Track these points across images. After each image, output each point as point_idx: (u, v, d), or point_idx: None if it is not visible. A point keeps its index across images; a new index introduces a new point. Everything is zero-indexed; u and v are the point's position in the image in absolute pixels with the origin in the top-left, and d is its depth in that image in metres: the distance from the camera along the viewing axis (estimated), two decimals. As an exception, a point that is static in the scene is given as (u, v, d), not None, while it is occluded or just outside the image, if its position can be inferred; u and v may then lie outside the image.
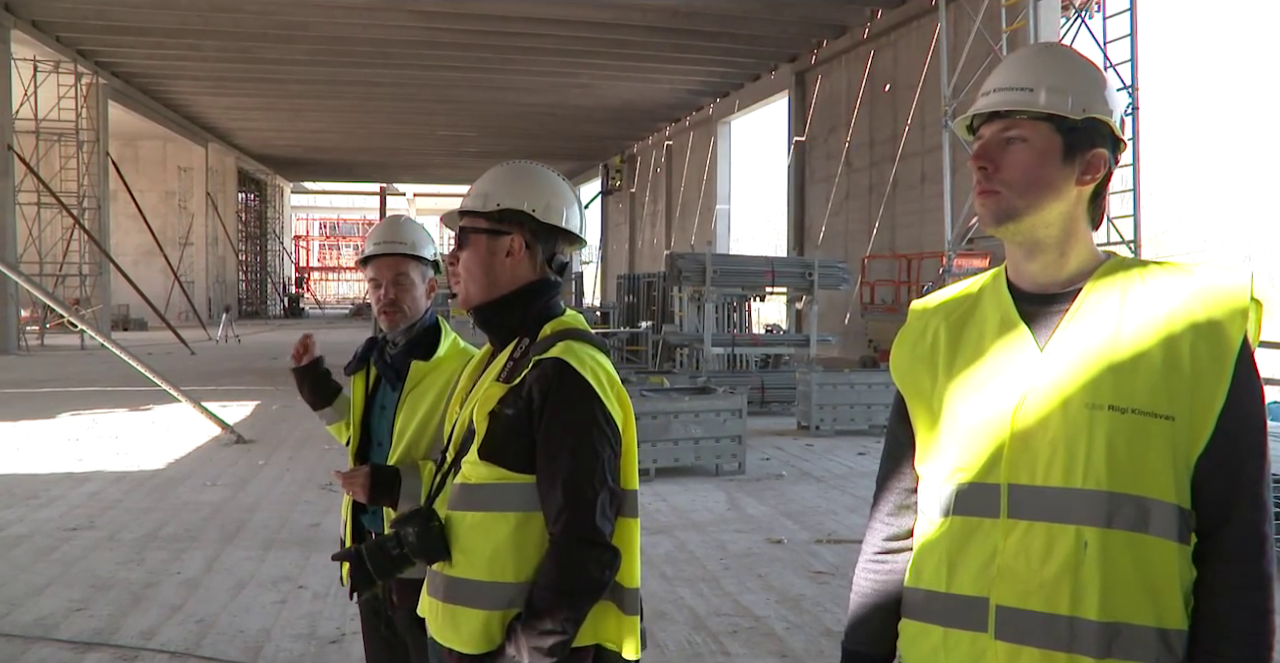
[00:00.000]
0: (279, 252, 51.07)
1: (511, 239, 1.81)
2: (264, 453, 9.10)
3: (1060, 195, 1.37)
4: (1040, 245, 1.38)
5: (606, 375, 1.71)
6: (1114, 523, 1.27)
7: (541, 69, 24.79)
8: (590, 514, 1.62)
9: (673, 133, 34.36)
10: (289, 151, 40.64)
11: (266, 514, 6.68)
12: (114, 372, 16.08)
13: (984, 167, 1.39)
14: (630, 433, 1.73)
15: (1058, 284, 1.38)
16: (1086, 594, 1.27)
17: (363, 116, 32.07)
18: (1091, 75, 1.41)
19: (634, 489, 1.73)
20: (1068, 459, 1.29)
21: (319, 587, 5.03)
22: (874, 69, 21.47)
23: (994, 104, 1.40)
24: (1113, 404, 1.28)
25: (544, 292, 1.83)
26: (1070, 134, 1.37)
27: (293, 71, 25.39)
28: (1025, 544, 1.30)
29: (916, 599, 1.42)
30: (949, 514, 1.38)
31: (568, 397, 1.66)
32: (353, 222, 70.31)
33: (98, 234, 24.84)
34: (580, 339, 1.75)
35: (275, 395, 13.48)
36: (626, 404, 1.73)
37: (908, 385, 1.50)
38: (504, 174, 1.88)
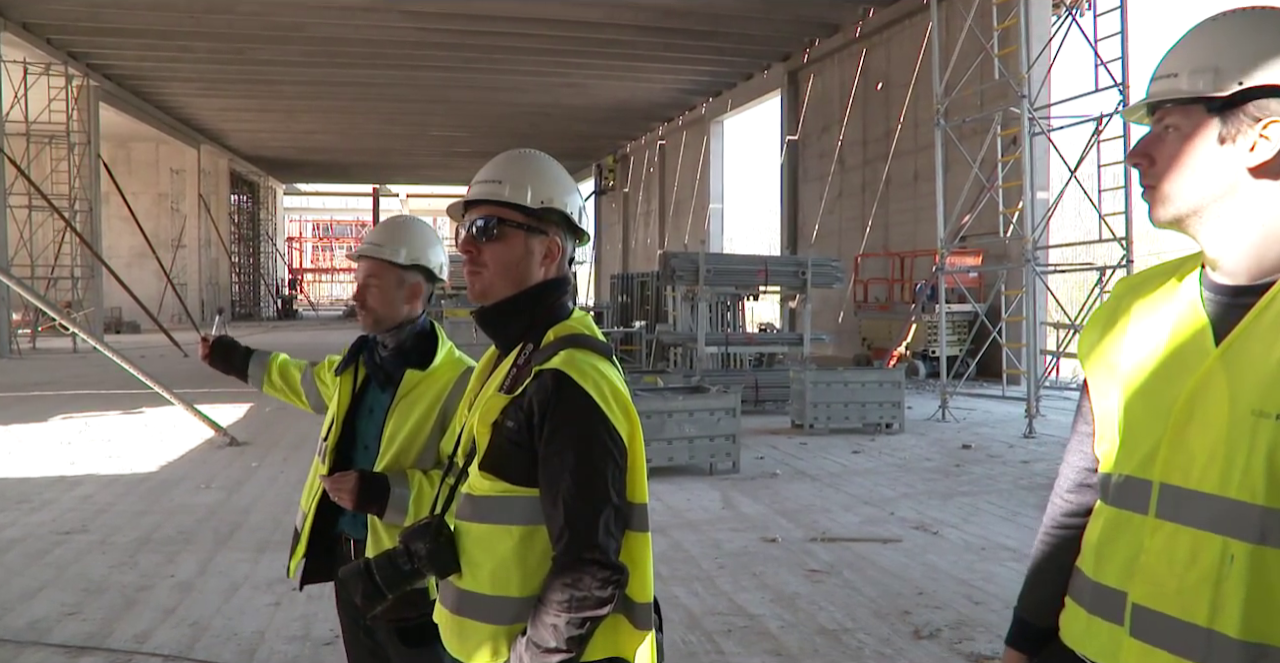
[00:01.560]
0: (272, 253, 50.95)
1: (551, 240, 1.74)
2: (258, 455, 9.08)
3: (1224, 181, 1.25)
4: (1219, 236, 1.28)
5: (610, 387, 1.61)
6: (1270, 541, 1.17)
7: (534, 69, 24.78)
8: (592, 533, 1.56)
9: (666, 132, 34.36)
10: (282, 153, 40.57)
11: (260, 516, 6.66)
12: (107, 374, 16.03)
13: (1138, 163, 1.32)
14: (637, 445, 1.64)
15: (1247, 276, 1.27)
16: (1226, 609, 1.19)
17: (355, 118, 32.02)
18: (1259, 39, 1.24)
19: (643, 503, 1.65)
20: (1225, 466, 1.20)
21: (313, 589, 4.98)
22: (866, 67, 21.51)
23: (1150, 96, 1.32)
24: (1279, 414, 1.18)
25: (556, 290, 1.75)
26: (1225, 110, 1.24)
27: (285, 73, 25.35)
28: (1170, 547, 1.24)
29: (1076, 579, 1.41)
30: (1106, 502, 1.36)
31: (567, 411, 1.58)
32: (346, 223, 70.16)
33: (89, 237, 24.75)
34: (584, 346, 1.65)
35: (268, 398, 13.35)
36: (633, 414, 1.64)
37: (1090, 363, 1.43)
38: (535, 167, 1.76)
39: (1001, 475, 8.44)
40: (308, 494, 2.52)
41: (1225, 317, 1.26)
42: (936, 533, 6.42)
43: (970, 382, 15.20)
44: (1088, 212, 13.37)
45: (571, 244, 1.78)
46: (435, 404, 2.37)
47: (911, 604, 4.93)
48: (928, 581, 5.34)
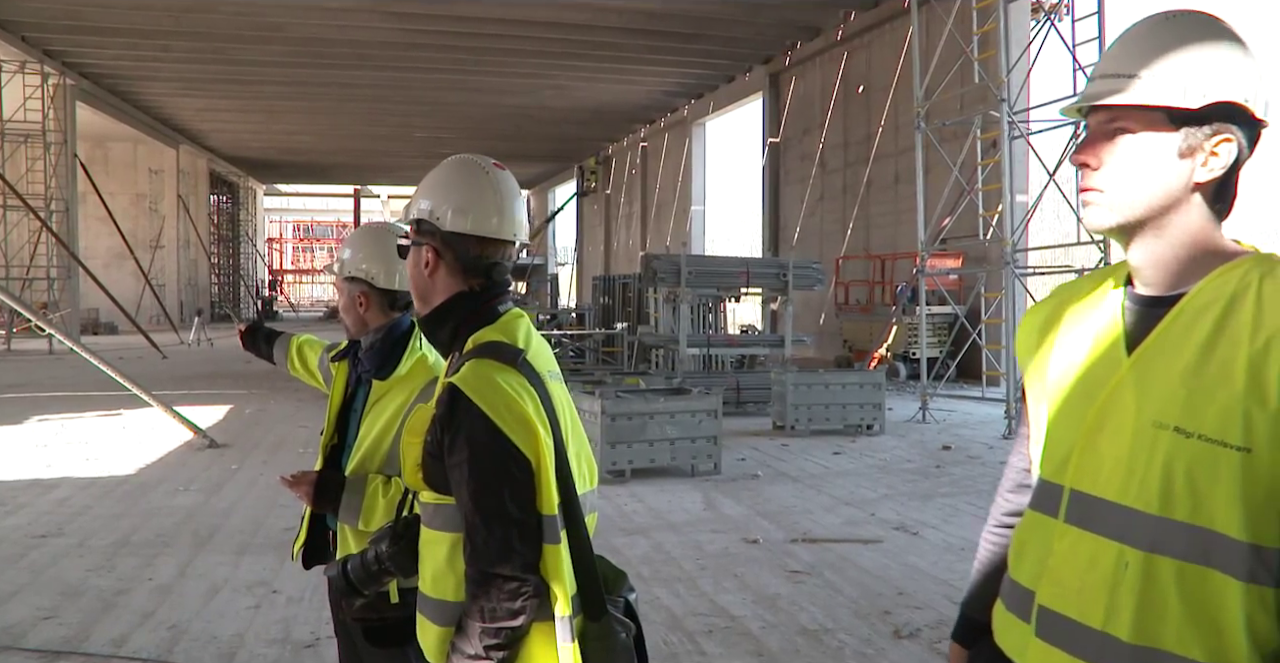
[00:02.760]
0: (252, 254, 50.63)
1: (425, 250, 1.75)
2: (237, 457, 9.02)
3: (1172, 192, 1.24)
4: (1148, 246, 1.28)
5: (505, 399, 1.58)
6: (1160, 549, 1.19)
7: (517, 70, 24.75)
8: (490, 548, 1.56)
9: (648, 134, 34.40)
10: (262, 153, 40.32)
11: (240, 519, 6.62)
12: (83, 376, 15.87)
13: (1085, 164, 1.29)
14: (543, 456, 1.59)
15: (1165, 286, 1.27)
16: (1120, 613, 1.21)
17: (337, 118, 31.86)
18: (1218, 52, 1.23)
19: (552, 515, 1.60)
20: (1125, 475, 1.22)
21: (293, 592, 4.99)
22: (847, 71, 21.60)
23: (1095, 95, 1.27)
24: (1179, 426, 1.18)
25: (465, 303, 1.74)
26: (1188, 123, 1.23)
27: (267, 73, 25.19)
28: (1074, 551, 1.27)
29: (1005, 577, 1.43)
30: (1030, 504, 1.38)
31: (459, 426, 1.58)
32: (327, 224, 69.83)
33: (66, 237, 24.52)
34: (491, 355, 1.64)
35: (249, 399, 13.37)
36: (532, 425, 1.59)
37: (1024, 367, 1.45)
38: (427, 178, 1.82)
39: (981, 477, 8.50)
40: None
41: (1141, 327, 1.27)
42: (917, 534, 6.45)
43: (950, 383, 15.30)
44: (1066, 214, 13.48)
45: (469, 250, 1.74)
46: (399, 411, 2.38)
47: (892, 604, 4.96)
48: (908, 581, 5.37)
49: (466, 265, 1.75)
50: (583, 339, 18.26)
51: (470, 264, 1.75)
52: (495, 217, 1.76)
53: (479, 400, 1.56)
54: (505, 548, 1.56)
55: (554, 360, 1.81)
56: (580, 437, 1.78)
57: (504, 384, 1.59)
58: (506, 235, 1.77)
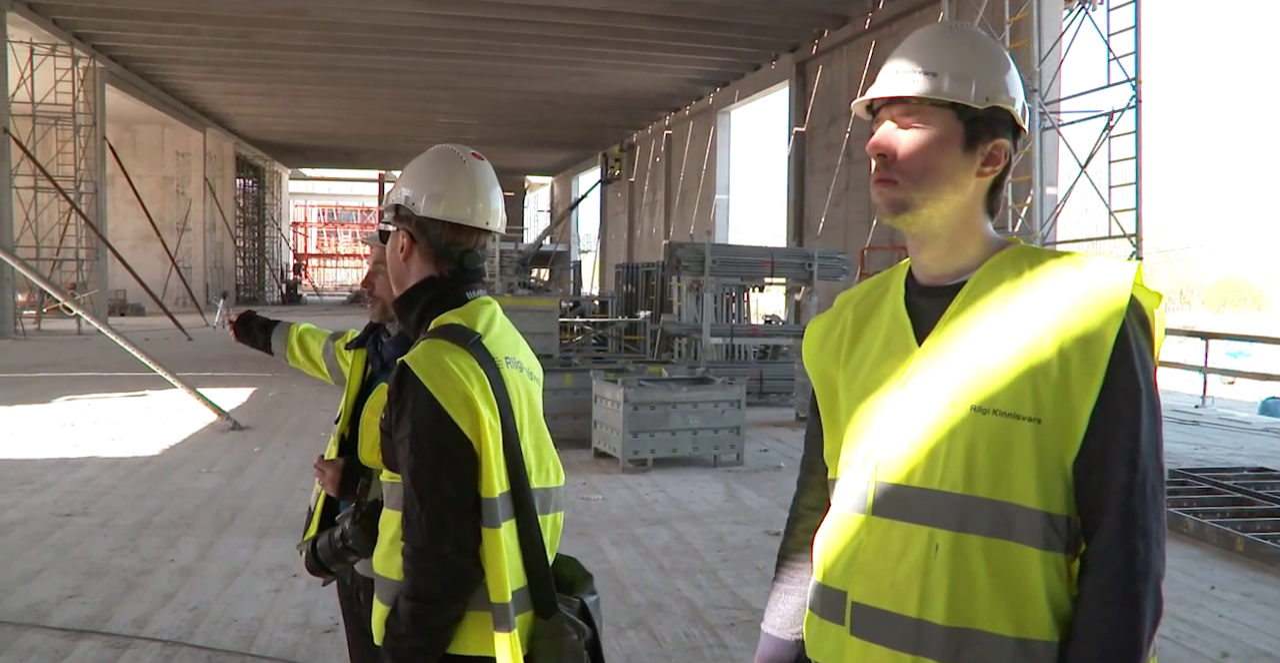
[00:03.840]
0: (276, 238, 50.92)
1: (401, 235, 1.80)
2: (259, 440, 9.05)
3: (958, 186, 1.33)
4: (934, 237, 1.35)
5: (447, 377, 1.60)
6: (968, 527, 1.24)
7: (542, 57, 24.66)
8: (423, 529, 1.58)
9: (672, 122, 34.24)
10: (287, 137, 40.48)
11: (262, 501, 6.64)
12: (110, 357, 16.02)
13: (883, 154, 1.35)
14: (485, 437, 1.60)
15: (947, 276, 1.35)
16: (934, 598, 1.24)
17: (361, 103, 31.90)
18: (996, 61, 1.36)
19: (492, 497, 1.61)
20: (928, 460, 1.27)
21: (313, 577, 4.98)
22: (875, 59, 21.36)
23: (895, 88, 1.35)
24: (975, 405, 1.24)
25: (430, 288, 1.78)
26: (973, 124, 1.32)
27: (291, 57, 25.24)
28: (884, 543, 1.29)
29: (811, 586, 1.43)
30: (833, 506, 1.39)
31: (404, 403, 1.61)
32: (351, 208, 70.11)
33: (95, 219, 24.73)
34: (445, 336, 1.67)
35: (271, 382, 13.43)
36: (475, 405, 1.60)
37: (815, 375, 1.49)
38: (408, 166, 1.86)
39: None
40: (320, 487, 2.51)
41: (927, 316, 1.34)
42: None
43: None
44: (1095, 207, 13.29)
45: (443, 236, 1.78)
46: None
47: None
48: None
49: (439, 251, 1.79)
50: (605, 327, 18.21)
51: (442, 250, 1.79)
52: (469, 205, 1.79)
53: (424, 378, 1.60)
54: (438, 527, 1.57)
55: (519, 349, 1.83)
56: (539, 430, 1.78)
57: (451, 364, 1.62)
58: (479, 223, 1.81)
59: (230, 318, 3.04)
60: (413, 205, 1.78)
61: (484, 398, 1.62)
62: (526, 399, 1.75)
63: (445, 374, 1.60)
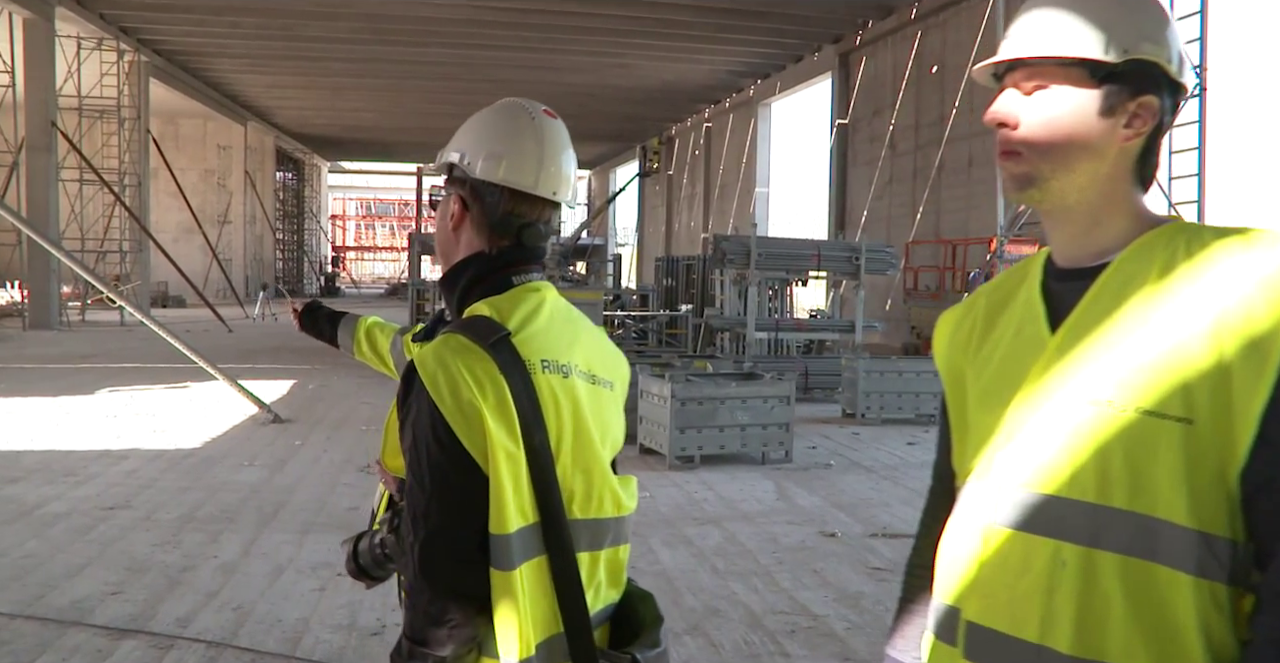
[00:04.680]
0: (315, 231, 51.31)
1: (452, 200, 1.53)
2: (301, 433, 8.98)
3: (1095, 154, 1.16)
4: (1069, 213, 1.20)
5: (452, 382, 1.31)
6: (1101, 543, 1.07)
7: (584, 49, 24.51)
8: (413, 562, 1.33)
9: (712, 115, 33.96)
10: (327, 131, 40.71)
11: (304, 496, 6.53)
12: (152, 348, 16.09)
13: (1003, 123, 1.19)
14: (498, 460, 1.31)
15: (1087, 257, 1.18)
16: (1059, 622, 1.08)
17: (401, 96, 31.97)
18: (1136, 6, 1.18)
19: (504, 535, 1.31)
20: (1055, 463, 1.11)
21: (359, 574, 4.86)
22: (921, 50, 20.95)
23: (1014, 49, 1.19)
24: (1112, 400, 1.08)
25: (472, 266, 1.49)
26: (1110, 81, 1.15)
27: (333, 50, 25.28)
28: (1002, 556, 1.14)
29: (931, 604, 1.28)
30: (953, 515, 1.25)
31: (409, 409, 1.37)
32: (389, 202, 70.54)
33: (138, 211, 24.97)
34: (464, 332, 1.38)
35: (312, 374, 13.40)
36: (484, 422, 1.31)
37: (945, 373, 1.34)
38: (466, 121, 1.58)
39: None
40: None
41: (1064, 303, 1.19)
42: (1003, 532, 6.14)
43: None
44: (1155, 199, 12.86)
45: (499, 204, 1.48)
46: None
47: (983, 608, 4.68)
48: (998, 583, 5.08)
49: (494, 222, 1.49)
50: (646, 321, 18.03)
51: (498, 221, 1.49)
52: (535, 170, 1.50)
53: (428, 383, 1.33)
54: (425, 561, 1.32)
55: (573, 349, 1.49)
56: (589, 450, 1.45)
57: (460, 368, 1.33)
58: (544, 192, 1.51)
59: (294, 307, 2.82)
60: (467, 165, 1.50)
61: (498, 412, 1.32)
62: (571, 412, 1.43)
63: (452, 381, 1.32)
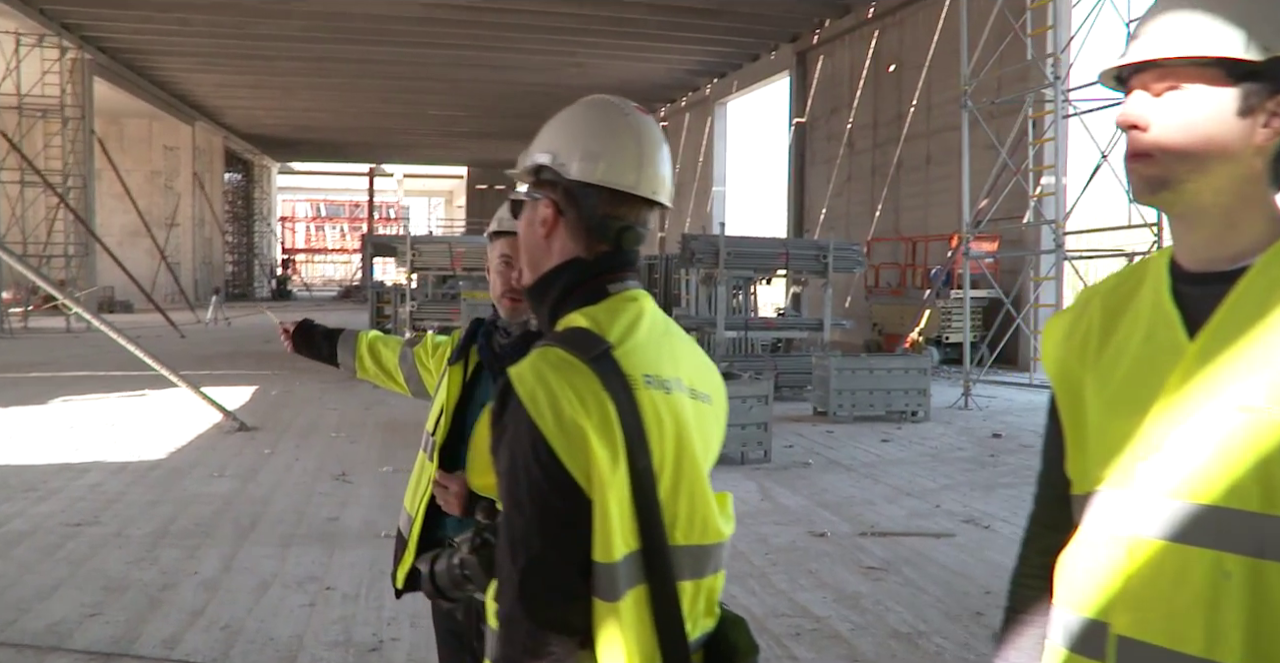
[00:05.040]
0: (266, 233, 50.39)
1: (544, 204, 1.42)
2: (269, 441, 8.75)
3: (1231, 156, 1.12)
4: (1203, 215, 1.16)
5: (555, 402, 1.23)
6: (1268, 553, 1.04)
7: (539, 48, 24.35)
8: (511, 592, 1.24)
9: (668, 114, 33.96)
10: (277, 131, 40.01)
11: (281, 507, 6.35)
12: (104, 355, 15.67)
13: (1134, 126, 1.15)
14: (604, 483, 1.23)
15: (1224, 261, 1.15)
16: (1228, 636, 1.04)
17: (354, 95, 31.50)
18: (1276, 2, 1.13)
19: (610, 563, 1.24)
20: (1212, 473, 1.08)
21: (348, 587, 4.72)
22: (878, 49, 21.13)
23: (1143, 50, 1.15)
24: (1268, 406, 1.06)
25: (568, 272, 1.40)
26: (1248, 79, 1.11)
27: (284, 48, 24.83)
28: (1155, 568, 1.10)
29: (1054, 616, 1.24)
30: (1085, 524, 1.20)
31: (505, 428, 1.28)
32: (340, 203, 69.57)
33: (83, 214, 24.28)
34: (564, 345, 1.29)
35: (273, 380, 13.12)
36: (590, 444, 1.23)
37: (1057, 377, 1.29)
38: (551, 121, 1.49)
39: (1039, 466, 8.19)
40: (412, 495, 2.24)
41: (1199, 308, 1.15)
42: (988, 527, 6.16)
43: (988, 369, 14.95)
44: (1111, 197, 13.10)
45: (597, 207, 1.39)
46: None
47: (982, 605, 4.68)
48: (992, 579, 5.08)
49: (592, 226, 1.40)
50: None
51: (596, 224, 1.40)
52: (634, 169, 1.41)
53: (527, 400, 1.24)
54: (525, 593, 1.24)
55: (677, 363, 1.40)
56: (694, 472, 1.36)
57: (561, 384, 1.25)
58: (645, 193, 1.42)
59: (285, 327, 2.67)
60: (561, 166, 1.40)
61: (602, 433, 1.24)
62: (674, 431, 1.33)
63: (552, 398, 1.24)
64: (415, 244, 14.94)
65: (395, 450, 8.36)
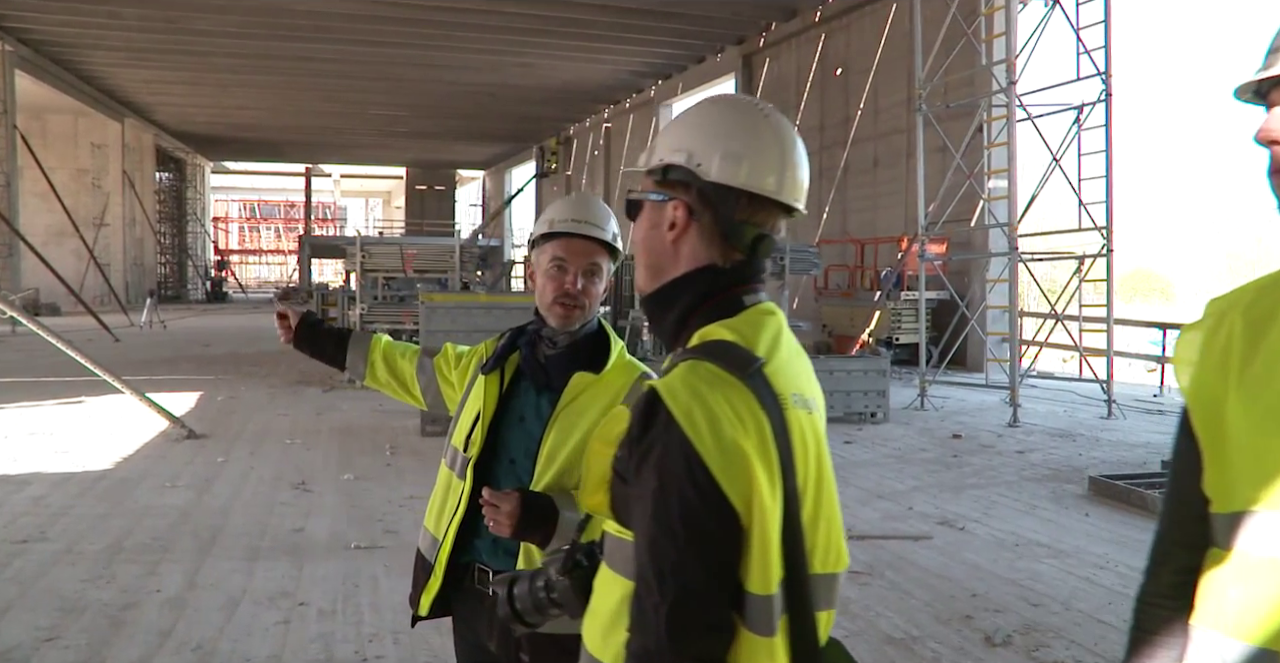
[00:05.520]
0: (199, 234, 49.03)
1: (674, 206, 1.32)
2: (220, 449, 8.42)
3: None
4: None
5: (710, 417, 1.15)
6: None
7: (484, 47, 24.04)
8: (658, 627, 1.15)
9: (612, 115, 33.85)
10: (211, 129, 38.93)
11: (241, 519, 6.08)
12: (34, 360, 15.04)
13: (1275, 142, 1.12)
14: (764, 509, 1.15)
15: None
16: None
17: (292, 93, 30.77)
18: None
19: (767, 596, 1.16)
20: None
21: (323, 603, 4.52)
22: (825, 53, 21.28)
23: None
24: None
25: (701, 282, 1.31)
26: None
27: (221, 44, 24.12)
28: None
29: (1200, 642, 1.17)
30: (1242, 549, 1.14)
31: (651, 446, 1.18)
32: (274, 203, 68.08)
33: (6, 213, 23.31)
34: (715, 358, 1.21)
35: (218, 385, 12.69)
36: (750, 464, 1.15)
37: (1193, 394, 1.23)
38: (680, 119, 1.39)
39: (1002, 466, 8.27)
40: (438, 516, 2.08)
41: None
42: (963, 529, 6.18)
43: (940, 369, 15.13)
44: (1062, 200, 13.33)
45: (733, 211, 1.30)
46: (607, 413, 1.95)
47: (969, 608, 4.67)
48: (976, 581, 5.09)
49: (728, 231, 1.30)
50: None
51: (733, 230, 1.30)
52: (776, 172, 1.32)
53: (682, 418, 1.15)
54: (674, 624, 1.14)
55: (810, 382, 1.35)
56: (829, 494, 1.29)
57: (722, 403, 1.17)
58: (786, 198, 1.33)
59: (282, 313, 2.39)
60: (698, 166, 1.30)
61: (762, 455, 1.16)
62: (816, 453, 1.26)
63: (712, 417, 1.15)
64: (365, 245, 14.58)
65: (353, 457, 8.11)
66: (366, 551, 5.41)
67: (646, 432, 1.18)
